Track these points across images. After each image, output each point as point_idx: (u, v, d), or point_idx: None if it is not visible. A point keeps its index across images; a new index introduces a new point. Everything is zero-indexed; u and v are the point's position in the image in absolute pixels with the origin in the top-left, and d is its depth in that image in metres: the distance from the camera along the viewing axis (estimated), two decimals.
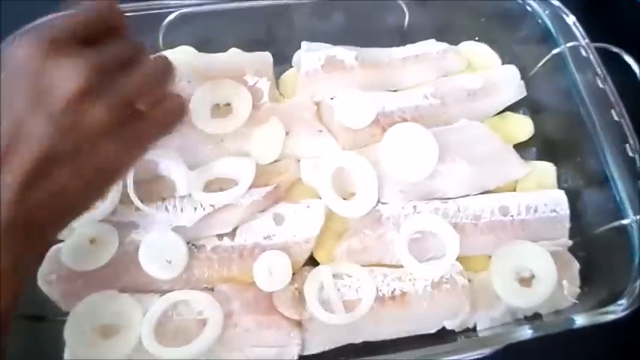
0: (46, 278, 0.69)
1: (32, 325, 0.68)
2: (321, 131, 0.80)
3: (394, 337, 0.71)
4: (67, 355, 0.65)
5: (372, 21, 0.90)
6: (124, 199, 0.73)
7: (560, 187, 0.82)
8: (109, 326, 0.66)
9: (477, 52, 0.93)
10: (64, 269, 0.69)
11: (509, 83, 0.89)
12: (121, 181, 0.72)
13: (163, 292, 0.69)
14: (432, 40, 0.92)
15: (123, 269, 0.70)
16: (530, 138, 0.87)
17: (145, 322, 0.66)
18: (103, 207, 0.72)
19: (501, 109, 0.88)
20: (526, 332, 0.67)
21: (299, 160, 0.80)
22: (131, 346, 0.65)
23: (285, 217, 0.75)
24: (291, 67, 0.89)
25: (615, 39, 0.80)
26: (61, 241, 0.71)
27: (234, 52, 0.85)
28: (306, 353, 0.69)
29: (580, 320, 0.66)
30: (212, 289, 0.71)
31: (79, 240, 0.70)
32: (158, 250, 0.70)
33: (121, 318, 0.66)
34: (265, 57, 0.85)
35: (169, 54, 0.82)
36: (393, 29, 0.91)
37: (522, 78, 0.89)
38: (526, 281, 0.74)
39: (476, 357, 0.66)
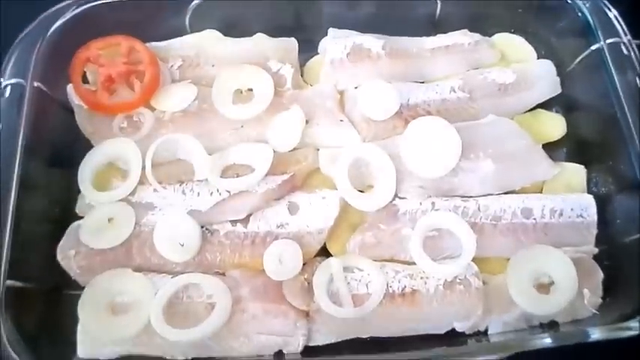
0: (65, 253, 0.71)
1: (49, 297, 0.70)
2: (342, 121, 0.79)
3: (402, 334, 0.70)
4: (79, 328, 0.68)
5: (403, 9, 0.88)
6: (143, 180, 0.74)
7: (589, 191, 0.79)
8: (121, 303, 0.68)
9: (512, 44, 0.89)
10: (83, 246, 0.71)
11: (544, 79, 0.85)
12: (141, 162, 0.73)
13: (175, 274, 0.71)
14: (465, 31, 0.88)
15: (138, 249, 0.71)
16: (562, 138, 0.83)
17: (155, 302, 0.67)
18: (122, 187, 0.73)
19: (533, 105, 0.85)
20: (539, 342, 0.65)
21: (318, 150, 0.79)
22: (141, 324, 0.66)
23: (300, 207, 0.74)
24: (318, 54, 0.87)
25: None
26: (81, 217, 0.73)
27: (259, 37, 0.85)
28: (311, 344, 0.69)
29: (596, 334, 0.63)
30: (223, 274, 0.72)
31: (98, 218, 0.72)
32: (172, 232, 0.71)
33: (133, 296, 0.68)
34: (290, 43, 0.84)
35: (195, 37, 0.83)
36: (424, 18, 0.88)
37: (558, 74, 0.85)
38: (544, 287, 0.71)
39: None
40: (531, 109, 0.85)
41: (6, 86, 0.73)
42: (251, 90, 0.80)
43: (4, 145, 0.70)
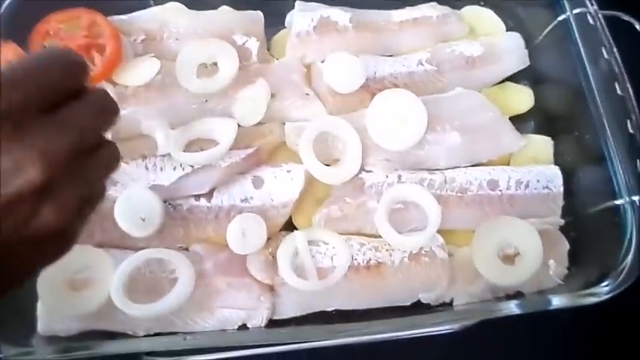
0: None
1: None
2: (308, 95, 0.78)
3: (367, 306, 0.70)
4: (39, 304, 0.67)
5: None
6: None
7: (556, 163, 0.79)
8: (81, 279, 0.67)
9: (481, 17, 0.88)
10: None
11: (512, 52, 0.84)
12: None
13: (138, 250, 0.70)
14: (433, 4, 0.87)
15: (99, 225, 0.70)
16: (529, 111, 0.83)
17: (116, 277, 0.66)
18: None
19: (501, 79, 0.84)
20: (503, 309, 0.65)
21: (284, 124, 0.78)
22: (102, 299, 0.66)
23: (265, 181, 0.74)
24: (285, 27, 0.86)
25: (627, 7, 0.75)
26: None
27: (224, 10, 0.83)
28: (276, 317, 0.69)
29: (557, 301, 0.64)
30: (186, 249, 0.71)
31: None
32: (133, 207, 0.70)
33: (93, 272, 0.67)
34: (256, 16, 0.83)
35: (158, 10, 0.81)
36: None
37: (526, 47, 0.85)
38: (510, 258, 0.71)
39: (445, 331, 0.65)
40: (499, 82, 0.84)
41: None
42: (215, 64, 0.79)
43: None
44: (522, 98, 0.83)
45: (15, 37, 0.75)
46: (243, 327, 0.68)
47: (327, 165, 0.74)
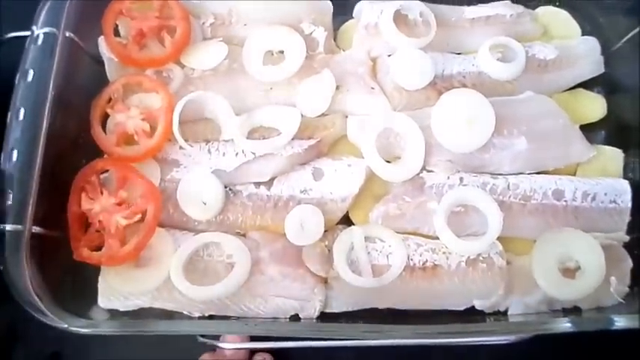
0: None
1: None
2: (373, 89, 0.77)
3: (420, 308, 0.69)
4: (100, 278, 0.69)
5: None
6: (169, 137, 0.74)
7: (625, 177, 0.76)
8: (142, 257, 0.68)
9: (556, 19, 0.85)
10: None
11: (587, 57, 0.81)
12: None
13: (197, 232, 0.71)
14: (507, 2, 0.85)
15: (162, 204, 0.71)
16: (601, 120, 0.80)
17: (176, 257, 0.67)
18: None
19: (573, 84, 0.81)
20: (560, 325, 0.64)
21: (347, 117, 0.77)
22: (161, 278, 0.67)
23: (325, 173, 0.73)
24: (352, 18, 0.85)
25: None
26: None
27: None
28: (327, 311, 0.69)
29: (621, 322, 0.61)
30: (244, 235, 0.71)
31: None
32: (196, 190, 0.71)
33: (155, 250, 0.68)
34: (325, 5, 0.81)
35: None
36: None
37: (602, 53, 0.81)
38: (570, 272, 0.69)
39: (501, 342, 0.64)
40: (571, 88, 0.81)
41: (38, 35, 0.72)
42: (282, 52, 0.78)
43: (34, 94, 0.70)
44: (594, 106, 0.80)
45: (90, 14, 0.76)
46: (295, 318, 0.69)
47: (387, 162, 0.73)
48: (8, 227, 0.63)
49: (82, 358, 0.78)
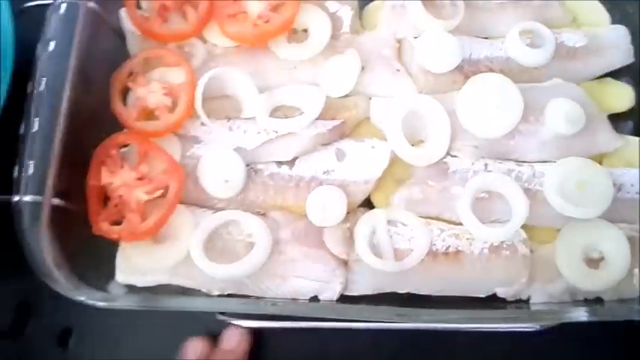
0: None
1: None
2: (398, 70, 0.76)
3: (441, 294, 0.68)
4: (119, 253, 0.68)
5: None
6: (191, 113, 0.72)
7: None
8: (161, 233, 0.67)
9: (585, 6, 0.83)
10: None
11: (616, 46, 0.80)
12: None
13: (216, 210, 0.70)
14: None
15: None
16: (629, 110, 0.78)
17: (196, 235, 0.66)
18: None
19: (602, 73, 0.80)
20: (582, 314, 0.63)
21: (370, 98, 0.76)
22: (180, 255, 0.66)
23: (347, 154, 0.72)
24: None
25: None
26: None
27: None
28: (347, 293, 0.68)
29: None
30: (264, 215, 0.70)
31: None
32: (217, 167, 0.70)
33: (173, 227, 0.67)
34: None
35: None
36: None
37: (632, 42, 0.80)
38: (594, 262, 0.68)
39: (524, 330, 0.63)
40: (599, 77, 0.80)
41: (60, 4, 0.71)
42: (306, 30, 0.77)
43: (55, 64, 0.68)
44: (622, 96, 0.79)
45: None
46: (314, 299, 0.68)
47: (411, 145, 0.72)
48: (28, 198, 0.62)
49: (94, 335, 0.77)
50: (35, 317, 0.78)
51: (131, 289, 0.68)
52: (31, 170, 0.63)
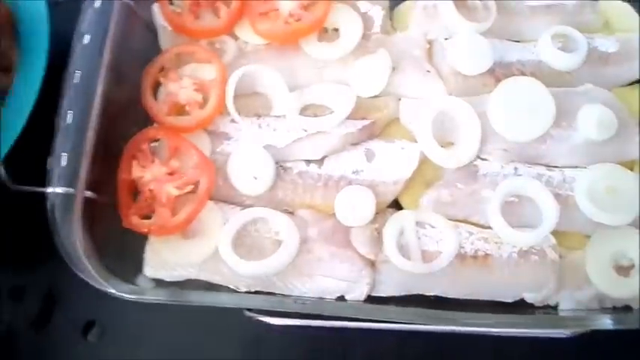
0: None
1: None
2: (429, 72, 0.75)
3: (468, 297, 0.68)
4: (147, 247, 0.68)
5: None
6: (222, 110, 0.73)
7: None
8: (190, 228, 0.68)
9: (618, 11, 0.82)
10: None
11: None
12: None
13: (244, 207, 0.70)
14: None
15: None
16: None
17: (225, 231, 0.66)
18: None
19: (634, 79, 0.79)
20: (609, 322, 0.62)
21: (400, 99, 0.75)
22: (209, 251, 0.66)
23: (377, 155, 0.72)
24: None
25: None
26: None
27: None
28: (374, 294, 0.68)
29: None
30: (292, 213, 0.70)
31: None
32: (247, 164, 0.70)
33: (202, 223, 0.68)
34: None
35: None
36: None
37: None
38: (623, 270, 0.68)
39: (553, 336, 0.62)
40: (631, 83, 0.79)
41: None
42: (337, 30, 0.77)
43: (89, 57, 0.69)
44: None
45: None
46: (341, 299, 0.68)
47: (441, 147, 0.72)
48: (60, 190, 0.63)
49: (117, 329, 0.78)
50: (60, 309, 0.79)
51: (158, 283, 0.68)
52: (64, 162, 0.64)
